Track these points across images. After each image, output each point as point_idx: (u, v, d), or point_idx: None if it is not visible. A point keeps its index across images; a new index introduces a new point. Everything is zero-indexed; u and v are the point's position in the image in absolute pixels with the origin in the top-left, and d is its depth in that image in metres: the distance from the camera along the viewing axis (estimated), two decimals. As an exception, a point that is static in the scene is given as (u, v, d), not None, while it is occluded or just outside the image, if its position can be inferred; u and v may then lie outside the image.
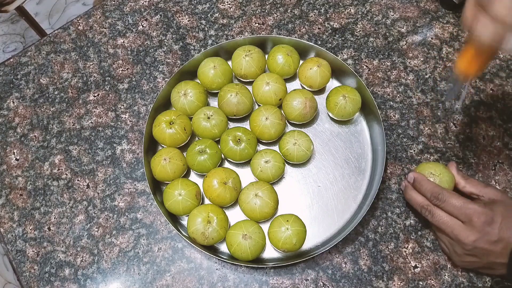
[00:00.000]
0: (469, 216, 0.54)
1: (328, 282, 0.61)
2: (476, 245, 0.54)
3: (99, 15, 0.78)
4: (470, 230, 0.54)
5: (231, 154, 0.63)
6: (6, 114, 0.72)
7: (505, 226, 0.53)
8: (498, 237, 0.53)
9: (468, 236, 0.54)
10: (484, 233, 0.53)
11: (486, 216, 0.53)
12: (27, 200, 0.66)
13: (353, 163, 0.66)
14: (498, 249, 0.53)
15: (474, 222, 0.53)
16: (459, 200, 0.55)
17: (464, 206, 0.54)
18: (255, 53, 0.67)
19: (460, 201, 0.55)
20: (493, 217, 0.53)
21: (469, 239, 0.54)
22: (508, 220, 0.53)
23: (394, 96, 0.71)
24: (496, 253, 0.54)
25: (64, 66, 0.74)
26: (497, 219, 0.53)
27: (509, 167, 0.66)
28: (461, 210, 0.54)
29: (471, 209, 0.54)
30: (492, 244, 0.53)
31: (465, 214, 0.54)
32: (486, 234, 0.53)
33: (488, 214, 0.53)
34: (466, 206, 0.54)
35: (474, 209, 0.54)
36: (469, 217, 0.54)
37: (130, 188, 0.66)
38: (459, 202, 0.55)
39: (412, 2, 0.77)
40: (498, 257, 0.54)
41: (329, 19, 0.76)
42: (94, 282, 0.62)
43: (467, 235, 0.54)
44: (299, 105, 0.64)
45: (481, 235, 0.53)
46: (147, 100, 0.72)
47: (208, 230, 0.58)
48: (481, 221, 0.53)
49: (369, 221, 0.63)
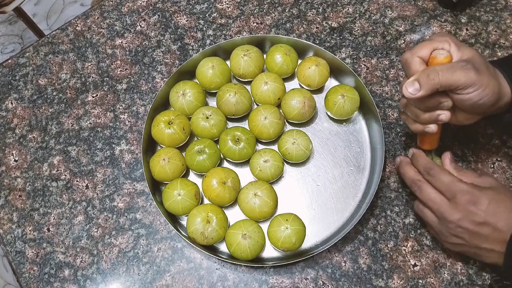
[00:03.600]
0: (454, 193, 0.53)
1: (327, 281, 0.61)
2: (460, 224, 0.53)
3: (97, 15, 0.78)
4: (454, 208, 0.53)
5: (230, 154, 0.63)
6: (4, 115, 0.72)
7: (492, 210, 0.52)
8: (484, 219, 0.52)
9: (453, 214, 0.53)
10: (467, 212, 0.53)
11: (471, 195, 0.53)
12: (26, 201, 0.66)
13: (352, 162, 0.66)
14: (485, 232, 0.53)
15: (458, 199, 0.53)
16: (448, 177, 0.55)
17: (452, 184, 0.54)
18: (253, 52, 0.67)
19: (449, 178, 0.55)
20: (479, 198, 0.53)
21: (453, 217, 0.53)
22: (497, 205, 0.53)
23: (392, 94, 0.71)
24: (482, 236, 0.53)
25: (63, 67, 0.74)
26: (482, 201, 0.53)
27: (507, 165, 0.66)
28: (448, 186, 0.54)
29: (457, 187, 0.54)
30: (477, 226, 0.53)
31: (451, 191, 0.54)
32: (470, 213, 0.52)
33: (474, 194, 0.53)
34: (453, 184, 0.54)
35: (460, 187, 0.54)
36: (454, 194, 0.53)
37: (129, 188, 0.66)
38: (448, 178, 0.55)
39: (410, 1, 0.77)
40: (485, 241, 0.53)
41: (327, 18, 0.76)
42: (94, 283, 0.62)
43: (452, 213, 0.53)
44: (297, 105, 0.64)
45: (464, 214, 0.53)
46: (145, 100, 0.72)
47: (207, 230, 0.58)
48: (465, 199, 0.53)
49: (369, 220, 0.64)
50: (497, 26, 0.74)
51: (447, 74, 0.50)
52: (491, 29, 0.74)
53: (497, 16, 0.75)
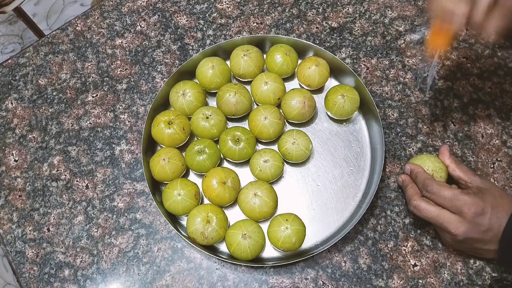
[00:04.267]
0: (460, 207, 0.54)
1: (327, 281, 0.61)
2: (467, 235, 0.54)
3: (97, 15, 0.78)
4: (460, 221, 0.54)
5: (230, 154, 0.63)
6: (4, 115, 0.72)
7: (495, 215, 0.53)
8: (488, 226, 0.53)
9: (459, 228, 0.54)
10: (474, 224, 0.53)
11: (477, 207, 0.53)
12: (26, 201, 0.66)
13: (352, 162, 0.66)
14: (488, 237, 0.53)
15: (465, 213, 0.53)
16: (449, 191, 0.55)
17: (455, 198, 0.54)
18: (253, 52, 0.67)
19: (451, 192, 0.55)
20: (484, 207, 0.53)
21: (460, 230, 0.54)
22: (497, 210, 0.53)
23: (392, 94, 0.71)
24: (485, 240, 0.54)
25: (63, 67, 0.74)
26: (487, 209, 0.53)
27: (507, 165, 0.66)
28: (451, 201, 0.54)
29: (462, 201, 0.54)
30: (482, 234, 0.53)
31: (455, 206, 0.54)
32: (477, 225, 0.53)
33: (479, 204, 0.53)
34: (456, 198, 0.54)
35: (464, 200, 0.54)
36: (460, 209, 0.54)
37: (129, 188, 0.66)
38: (450, 193, 0.55)
39: (410, 1, 0.77)
40: (487, 244, 0.54)
41: (327, 18, 0.76)
42: (94, 283, 0.62)
43: (457, 227, 0.54)
44: (297, 104, 0.64)
45: (471, 226, 0.53)
46: (145, 100, 0.72)
47: (207, 230, 0.58)
48: (472, 212, 0.53)
49: (369, 220, 0.64)
50: (497, 26, 0.74)
51: None
52: (491, 29, 0.74)
53: (497, 16, 0.75)
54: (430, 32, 0.57)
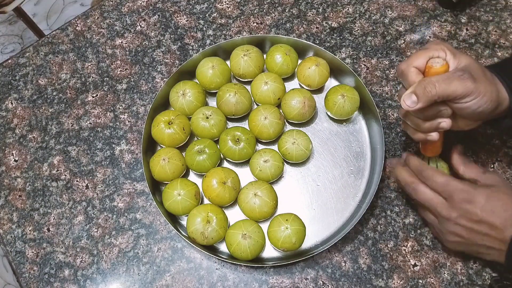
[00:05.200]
0: (450, 192, 0.54)
1: (327, 281, 0.61)
2: (458, 221, 0.53)
3: (97, 15, 0.78)
4: (451, 206, 0.54)
5: (230, 154, 0.63)
6: (4, 115, 0.72)
7: (489, 208, 0.52)
8: (480, 217, 0.52)
9: (450, 213, 0.54)
10: (464, 210, 0.53)
11: (466, 193, 0.53)
12: (26, 201, 0.66)
13: (352, 162, 0.66)
14: (482, 229, 0.53)
15: (454, 198, 0.53)
16: (442, 177, 0.55)
17: (446, 183, 0.54)
18: (253, 52, 0.67)
19: (443, 178, 0.55)
20: (474, 196, 0.53)
21: (451, 215, 0.54)
22: (493, 203, 0.53)
23: (392, 94, 0.71)
24: (479, 233, 0.53)
25: (63, 67, 0.74)
26: (478, 199, 0.53)
27: (507, 165, 0.66)
28: (443, 187, 0.54)
29: (452, 186, 0.54)
30: (475, 223, 0.53)
31: (446, 191, 0.54)
32: (466, 212, 0.53)
33: (469, 192, 0.53)
34: (448, 183, 0.54)
35: (455, 186, 0.54)
36: (450, 194, 0.54)
37: (129, 188, 0.66)
38: (442, 179, 0.55)
39: (410, 1, 0.77)
40: (483, 239, 0.53)
41: (327, 18, 0.76)
42: (94, 283, 0.62)
43: (449, 212, 0.54)
44: (297, 104, 0.64)
45: (461, 212, 0.53)
46: (145, 100, 0.72)
47: (207, 230, 0.58)
48: (461, 198, 0.53)
49: (369, 220, 0.64)
50: (497, 26, 0.74)
51: (444, 85, 0.50)
52: (491, 29, 0.74)
53: (497, 16, 0.75)
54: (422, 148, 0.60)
